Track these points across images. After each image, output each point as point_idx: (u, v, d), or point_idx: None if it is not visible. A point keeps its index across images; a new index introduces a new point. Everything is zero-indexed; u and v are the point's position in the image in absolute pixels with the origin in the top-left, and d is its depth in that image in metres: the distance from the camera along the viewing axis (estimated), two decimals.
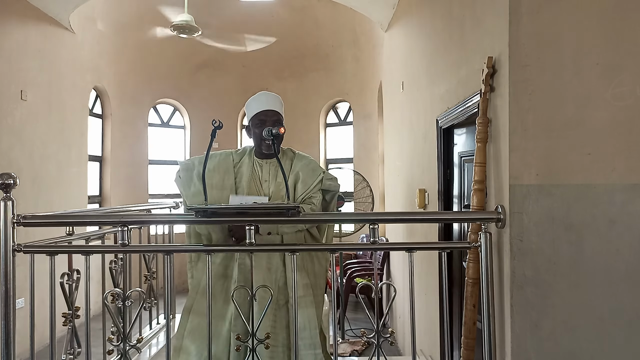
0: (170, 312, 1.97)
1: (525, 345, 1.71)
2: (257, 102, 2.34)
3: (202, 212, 1.79)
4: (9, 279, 1.71)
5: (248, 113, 2.36)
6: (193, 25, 5.82)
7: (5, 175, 1.66)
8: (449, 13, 2.65)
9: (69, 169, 5.51)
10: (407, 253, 1.90)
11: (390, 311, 5.14)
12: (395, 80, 4.69)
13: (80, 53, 5.78)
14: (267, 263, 2.23)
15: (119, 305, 2.71)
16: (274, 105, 2.32)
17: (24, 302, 3.83)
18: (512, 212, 1.71)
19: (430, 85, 3.14)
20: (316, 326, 2.25)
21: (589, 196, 1.69)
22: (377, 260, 5.50)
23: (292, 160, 2.39)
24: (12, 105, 4.45)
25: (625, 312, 1.68)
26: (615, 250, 1.68)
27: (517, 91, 1.71)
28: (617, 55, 1.69)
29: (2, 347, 1.71)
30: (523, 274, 1.71)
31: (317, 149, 7.46)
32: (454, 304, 2.68)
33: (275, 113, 2.30)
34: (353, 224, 5.38)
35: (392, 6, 4.61)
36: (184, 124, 7.75)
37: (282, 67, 7.60)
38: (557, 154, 1.70)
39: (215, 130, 1.94)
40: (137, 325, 3.11)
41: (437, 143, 2.92)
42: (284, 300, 2.25)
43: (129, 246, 1.81)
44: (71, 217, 2.46)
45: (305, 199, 2.30)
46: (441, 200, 2.89)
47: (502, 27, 1.77)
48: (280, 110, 2.33)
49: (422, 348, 3.35)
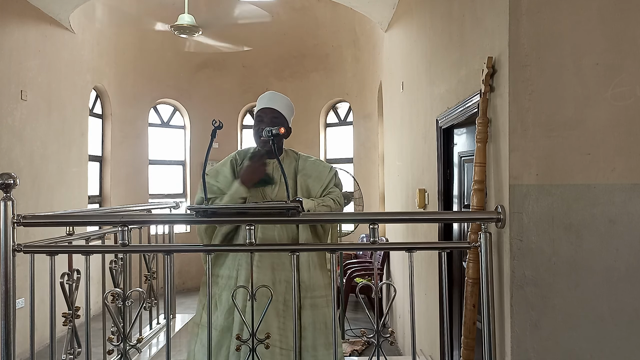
0: (170, 312, 1.97)
1: (525, 345, 1.71)
2: (261, 100, 2.35)
3: (202, 212, 1.79)
4: (9, 279, 1.71)
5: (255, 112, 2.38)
6: (193, 25, 5.83)
7: (5, 175, 1.66)
8: (449, 13, 2.65)
9: (69, 169, 5.51)
10: (407, 253, 1.90)
11: (390, 311, 5.14)
12: (395, 80, 4.69)
13: (80, 53, 5.78)
14: (282, 262, 2.21)
15: (119, 305, 2.72)
16: (275, 104, 2.31)
17: (24, 302, 3.83)
18: (512, 212, 1.71)
19: (430, 85, 3.14)
20: (334, 326, 2.22)
21: (589, 196, 1.69)
22: (377, 260, 5.50)
23: (296, 161, 2.38)
24: (12, 105, 4.45)
25: (625, 312, 1.68)
26: (615, 250, 1.68)
27: (517, 91, 1.71)
28: (617, 55, 1.69)
29: (2, 347, 1.71)
30: (523, 274, 1.71)
31: (317, 149, 7.45)
32: (454, 304, 2.68)
33: (273, 111, 2.29)
34: (353, 224, 5.37)
35: (392, 6, 4.61)
36: (184, 124, 7.75)
37: (282, 67, 7.60)
38: (557, 154, 1.70)
39: (215, 130, 1.94)
40: (137, 325, 3.11)
41: (437, 143, 2.92)
42: (305, 300, 2.21)
43: (129, 246, 1.81)
44: (71, 217, 2.47)
45: (325, 194, 2.30)
46: (441, 200, 2.89)
47: (502, 27, 1.77)
48: (281, 110, 2.31)
49: (422, 348, 3.35)
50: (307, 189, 2.31)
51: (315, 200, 2.25)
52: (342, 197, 2.37)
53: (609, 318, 1.68)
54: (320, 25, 7.21)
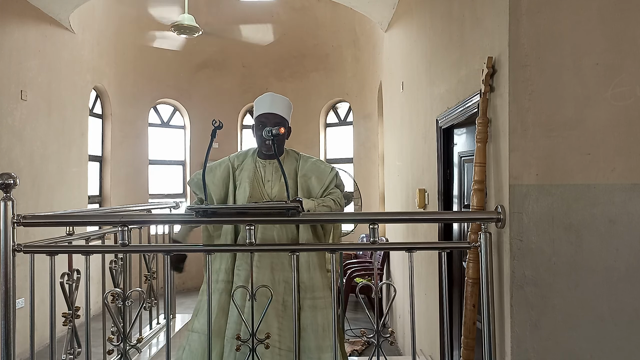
0: (170, 312, 1.97)
1: (525, 345, 1.71)
2: (261, 104, 2.33)
3: (202, 212, 1.79)
4: (9, 279, 1.71)
5: (254, 113, 2.37)
6: (193, 25, 5.83)
7: (5, 175, 1.66)
8: (449, 13, 2.65)
9: (69, 169, 5.51)
10: (407, 253, 1.90)
11: (390, 311, 5.14)
12: (395, 80, 4.69)
13: (80, 53, 5.78)
14: (281, 263, 2.21)
15: (119, 305, 2.71)
16: (277, 108, 2.31)
17: (24, 302, 3.83)
18: (512, 212, 1.71)
19: (430, 85, 3.14)
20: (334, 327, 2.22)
21: (589, 196, 1.69)
22: (377, 260, 5.50)
23: (297, 162, 2.38)
24: (12, 105, 4.45)
25: (625, 312, 1.68)
26: (615, 250, 1.68)
27: (517, 91, 1.71)
28: (617, 55, 1.69)
29: (2, 347, 1.71)
30: (523, 274, 1.71)
31: (317, 149, 7.45)
32: (454, 304, 2.68)
33: (275, 116, 2.29)
34: (353, 224, 5.37)
35: (392, 6, 4.61)
36: (184, 124, 7.75)
37: (282, 67, 7.60)
38: (557, 154, 1.70)
39: (215, 130, 1.94)
40: (137, 325, 3.11)
41: (437, 143, 2.92)
42: (304, 301, 2.22)
43: (129, 246, 1.81)
44: (71, 217, 2.46)
45: (326, 195, 2.30)
46: (441, 200, 2.89)
47: (502, 27, 1.77)
48: (283, 113, 2.31)
49: (422, 348, 3.35)
50: (307, 189, 2.31)
51: (316, 200, 2.25)
52: (342, 198, 2.36)
53: (609, 318, 1.68)
54: (320, 25, 7.21)
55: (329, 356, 2.13)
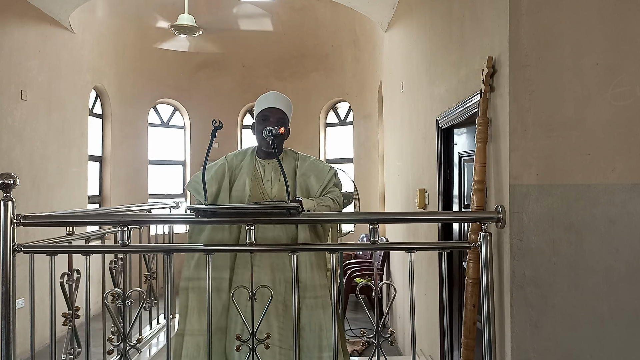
0: (170, 312, 1.97)
1: (525, 345, 1.71)
2: (264, 100, 2.35)
3: (202, 212, 1.79)
4: (9, 279, 1.71)
5: (255, 110, 2.37)
6: (193, 25, 5.83)
7: (5, 175, 1.66)
8: (448, 13, 2.65)
9: (69, 169, 5.51)
10: (407, 253, 1.90)
11: (390, 311, 5.14)
12: (395, 80, 4.69)
13: (80, 53, 5.78)
14: (281, 262, 2.21)
15: (119, 305, 2.71)
16: (280, 104, 2.32)
17: (24, 302, 3.83)
18: (512, 212, 1.71)
19: (430, 85, 3.14)
20: (333, 327, 2.22)
21: (589, 196, 1.69)
22: (377, 260, 5.50)
23: (295, 161, 2.38)
24: (12, 105, 4.45)
25: (625, 312, 1.68)
26: (615, 250, 1.68)
27: (517, 91, 1.71)
28: (617, 55, 1.69)
29: (2, 347, 1.71)
30: (523, 274, 1.71)
31: (317, 149, 7.46)
32: (454, 304, 2.68)
33: (279, 111, 2.30)
34: (353, 224, 5.38)
35: (392, 6, 4.61)
36: (184, 124, 7.75)
37: (282, 67, 7.60)
38: (557, 154, 1.70)
39: (215, 130, 1.94)
40: (137, 325, 3.11)
41: (437, 143, 2.92)
42: (304, 300, 2.20)
43: (129, 246, 1.81)
44: (71, 217, 2.46)
45: (324, 194, 2.30)
46: (441, 200, 2.89)
47: (502, 27, 1.77)
48: (286, 110, 2.33)
49: (422, 348, 3.35)
50: (306, 188, 2.31)
51: (315, 200, 2.25)
52: (341, 197, 2.37)
53: (609, 318, 1.68)
54: (320, 25, 7.21)
55: (329, 355, 2.13)
